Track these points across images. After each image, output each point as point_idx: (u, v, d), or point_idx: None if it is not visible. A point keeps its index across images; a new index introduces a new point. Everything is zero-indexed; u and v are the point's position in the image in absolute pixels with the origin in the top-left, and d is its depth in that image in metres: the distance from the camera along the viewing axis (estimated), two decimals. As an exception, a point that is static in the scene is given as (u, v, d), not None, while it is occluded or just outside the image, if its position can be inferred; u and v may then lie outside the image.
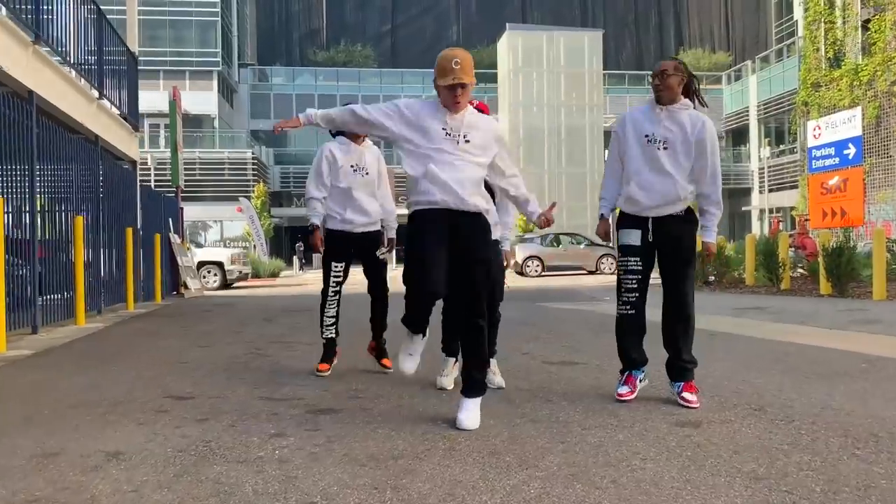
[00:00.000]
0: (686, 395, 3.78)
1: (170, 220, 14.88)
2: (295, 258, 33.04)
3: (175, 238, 14.97)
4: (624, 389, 3.87)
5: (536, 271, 23.59)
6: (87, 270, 8.65)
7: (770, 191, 39.15)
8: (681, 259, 3.82)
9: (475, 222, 3.28)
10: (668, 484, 2.49)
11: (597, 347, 5.92)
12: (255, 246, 30.42)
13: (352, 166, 4.54)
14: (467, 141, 3.29)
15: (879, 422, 3.37)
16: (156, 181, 30.07)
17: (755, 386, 4.31)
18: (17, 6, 6.71)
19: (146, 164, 32.81)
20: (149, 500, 2.30)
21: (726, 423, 3.39)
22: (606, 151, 19.39)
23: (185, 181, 31.53)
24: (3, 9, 6.45)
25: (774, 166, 39.65)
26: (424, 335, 3.46)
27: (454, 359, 4.24)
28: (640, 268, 3.81)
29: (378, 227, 4.73)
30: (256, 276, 25.85)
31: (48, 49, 7.57)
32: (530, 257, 23.75)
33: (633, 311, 3.86)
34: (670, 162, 3.75)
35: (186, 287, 14.78)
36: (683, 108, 3.78)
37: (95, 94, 9.41)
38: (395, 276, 4.64)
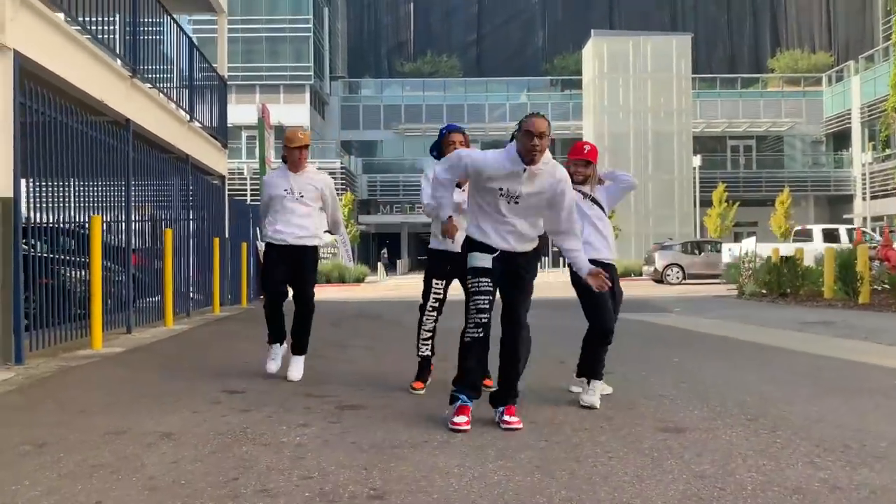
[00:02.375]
0: (508, 417, 3.70)
1: (258, 229, 15.96)
2: (380, 264, 34.13)
3: (262, 246, 16.03)
4: (462, 419, 3.61)
5: (677, 278, 23.56)
6: (177, 277, 9.59)
7: (873, 197, 37.16)
8: (523, 287, 3.83)
9: (308, 251, 5.09)
10: (618, 478, 2.84)
11: (633, 359, 6.13)
12: (340, 252, 31.64)
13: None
14: (302, 196, 5.04)
15: (860, 434, 3.56)
16: (252, 190, 31.83)
17: (766, 398, 4.51)
18: (112, 38, 7.67)
19: (243, 174, 34.84)
20: (184, 469, 2.88)
21: (710, 430, 3.66)
22: (696, 158, 19.34)
23: (278, 190, 33.14)
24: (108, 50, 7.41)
25: (879, 172, 37.60)
26: (282, 343, 5.19)
27: (588, 379, 4.36)
28: (490, 288, 3.72)
29: None
30: (342, 281, 27.06)
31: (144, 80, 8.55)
32: (671, 265, 23.79)
33: (483, 335, 3.70)
34: (521, 214, 3.71)
35: (271, 292, 15.79)
36: (544, 167, 3.66)
37: (187, 116, 10.42)
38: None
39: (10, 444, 3.25)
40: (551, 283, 22.85)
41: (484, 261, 3.71)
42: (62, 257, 6.61)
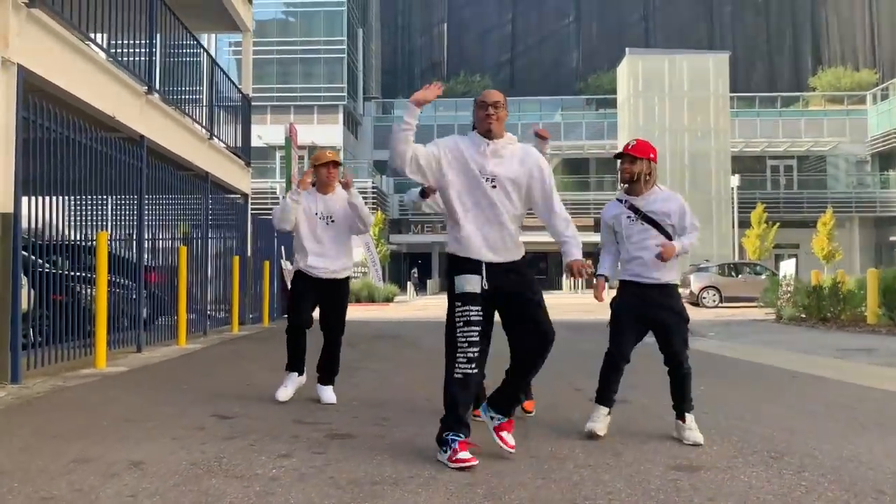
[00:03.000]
0: (506, 434, 3.50)
1: (283, 247, 15.89)
2: (410, 284, 33.97)
3: (287, 265, 15.96)
4: (466, 455, 3.25)
5: (714, 301, 22.91)
6: (194, 295, 9.51)
7: (922, 219, 35.88)
8: (537, 301, 3.50)
9: (341, 285, 4.95)
10: (615, 526, 2.53)
11: (656, 387, 5.71)
12: (370, 273, 31.58)
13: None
14: (332, 220, 4.84)
15: (897, 478, 3.18)
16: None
17: (795, 433, 4.14)
18: (132, 60, 7.65)
19: (276, 193, 35.15)
20: (138, 505, 2.65)
21: (729, 469, 3.32)
22: (734, 177, 18.90)
23: (310, 209, 33.39)
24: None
25: (927, 192, 36.33)
26: (300, 374, 5.01)
27: (607, 409, 4.09)
28: (481, 318, 3.39)
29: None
30: (371, 300, 26.93)
31: (161, 97, 8.53)
32: (707, 287, 23.21)
33: (475, 370, 3.38)
34: (501, 200, 3.45)
35: (296, 311, 15.67)
36: (509, 143, 3.53)
37: (207, 134, 10.40)
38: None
39: (-32, 471, 3.07)
40: (578, 305, 22.41)
41: (472, 285, 3.39)
42: (68, 273, 6.53)
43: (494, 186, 3.45)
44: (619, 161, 4.11)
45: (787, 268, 18.44)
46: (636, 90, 39.85)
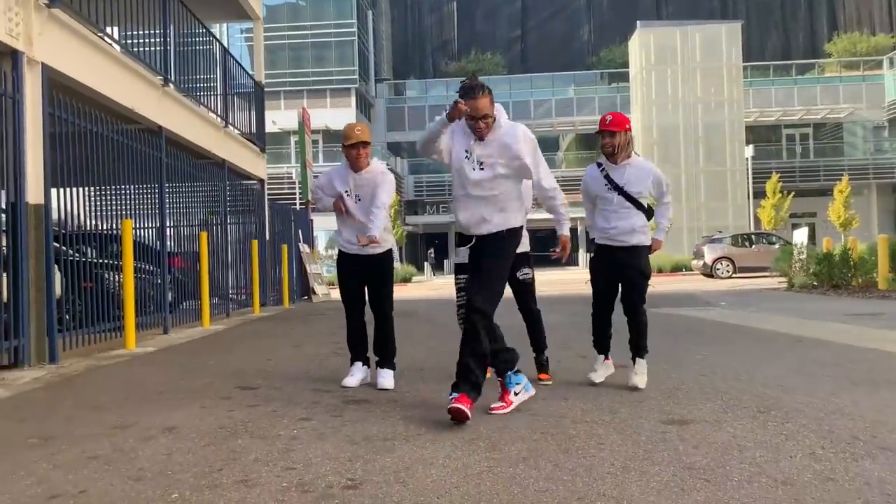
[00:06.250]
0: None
1: (300, 231, 16.23)
2: (426, 264, 34.27)
3: (304, 248, 16.31)
4: (458, 406, 3.53)
5: (727, 272, 23.03)
6: (216, 279, 9.85)
7: (941, 184, 35.48)
8: (480, 272, 3.83)
9: (378, 259, 4.70)
10: (603, 469, 2.80)
11: (661, 354, 5.86)
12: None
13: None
14: (359, 198, 4.66)
15: (874, 426, 3.41)
16: (301, 193, 32.37)
17: (787, 390, 4.36)
18: (147, 52, 7.93)
19: (292, 178, 35.48)
20: (174, 461, 2.96)
21: (717, 423, 3.56)
22: (748, 148, 19.20)
23: (326, 193, 33.69)
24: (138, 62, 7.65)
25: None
26: (365, 364, 4.78)
27: (604, 356, 4.79)
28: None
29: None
30: (388, 281, 27.32)
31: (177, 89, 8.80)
32: (720, 258, 23.30)
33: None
34: (488, 182, 3.79)
35: (314, 292, 16.06)
36: (497, 133, 3.78)
37: (222, 122, 10.69)
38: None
39: (20, 436, 3.40)
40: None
41: (462, 256, 3.96)
42: (96, 261, 6.86)
43: (483, 169, 3.80)
44: (599, 136, 4.58)
45: (800, 236, 18.48)
46: (648, 63, 39.52)
